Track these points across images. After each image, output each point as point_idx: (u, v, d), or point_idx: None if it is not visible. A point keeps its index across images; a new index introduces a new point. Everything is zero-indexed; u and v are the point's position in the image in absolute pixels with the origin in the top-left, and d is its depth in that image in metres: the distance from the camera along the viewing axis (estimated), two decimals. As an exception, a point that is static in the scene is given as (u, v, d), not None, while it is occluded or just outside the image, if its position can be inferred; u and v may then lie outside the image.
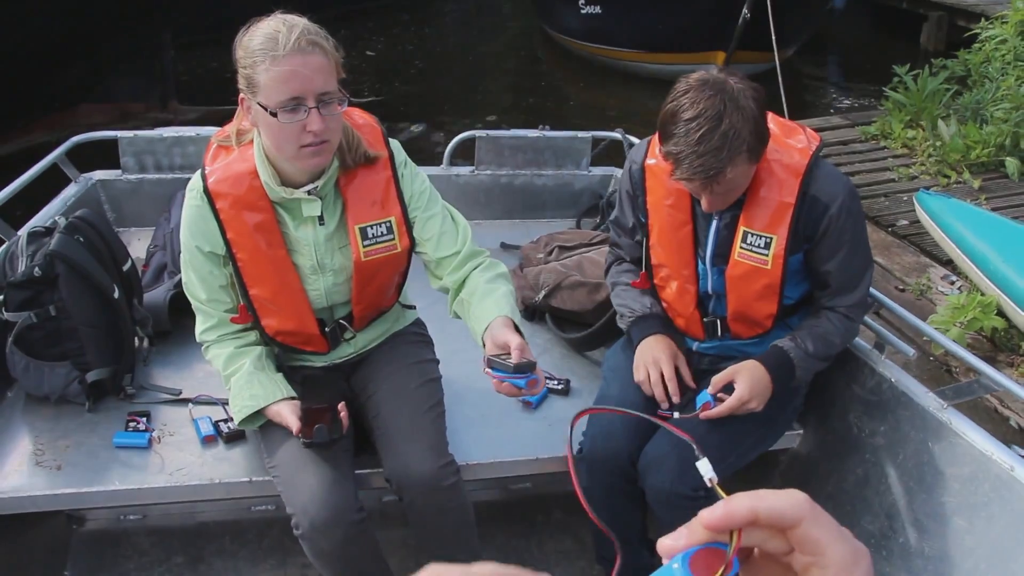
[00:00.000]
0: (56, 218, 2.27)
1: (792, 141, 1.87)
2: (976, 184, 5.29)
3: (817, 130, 6.21)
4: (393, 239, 1.87)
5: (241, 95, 1.69)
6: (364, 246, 1.84)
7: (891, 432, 2.07)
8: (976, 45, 6.23)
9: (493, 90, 8.84)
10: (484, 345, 1.74)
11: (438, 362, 2.15)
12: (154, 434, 2.09)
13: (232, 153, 1.81)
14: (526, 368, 1.64)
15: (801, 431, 2.30)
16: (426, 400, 1.98)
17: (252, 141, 1.79)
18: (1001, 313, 3.71)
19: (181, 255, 1.88)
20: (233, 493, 2.02)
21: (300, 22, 1.64)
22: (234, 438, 2.09)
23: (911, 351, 2.12)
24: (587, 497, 2.52)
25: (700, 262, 1.98)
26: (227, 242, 1.79)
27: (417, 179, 1.91)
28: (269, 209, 1.79)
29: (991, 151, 5.44)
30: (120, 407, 2.19)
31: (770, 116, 1.91)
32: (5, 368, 2.15)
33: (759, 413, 1.93)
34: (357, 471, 1.96)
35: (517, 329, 1.73)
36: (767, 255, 1.87)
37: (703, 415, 1.91)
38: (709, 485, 0.62)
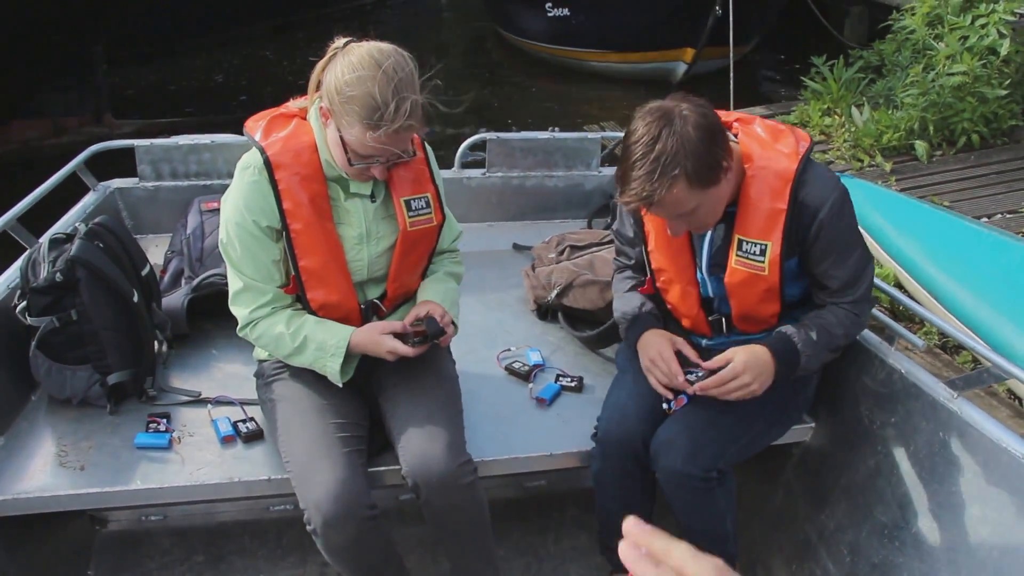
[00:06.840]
0: (76, 225, 2.32)
1: (780, 146, 1.86)
2: (888, 167, 5.59)
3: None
4: (431, 212, 2.01)
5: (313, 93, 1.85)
6: (410, 216, 1.97)
7: (902, 423, 2.08)
8: (889, 36, 6.51)
9: (459, 96, 8.84)
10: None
11: (454, 362, 2.18)
12: (174, 435, 2.13)
13: (287, 127, 1.89)
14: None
15: (813, 424, 2.31)
16: (444, 399, 2.00)
17: (305, 116, 1.92)
18: (899, 284, 3.85)
19: (227, 237, 1.89)
20: (252, 491, 2.05)
21: (410, 96, 1.70)
22: (252, 438, 2.13)
23: (921, 342, 2.14)
24: (599, 481, 2.49)
25: (698, 271, 2.00)
26: (282, 213, 1.86)
27: (439, 177, 2.06)
28: (323, 182, 1.89)
29: (902, 135, 5.75)
30: (141, 409, 2.23)
31: (757, 122, 1.92)
32: (29, 372, 2.19)
33: (769, 399, 1.93)
34: (373, 468, 2.00)
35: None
36: (763, 261, 1.87)
37: (698, 387, 1.90)
38: None
